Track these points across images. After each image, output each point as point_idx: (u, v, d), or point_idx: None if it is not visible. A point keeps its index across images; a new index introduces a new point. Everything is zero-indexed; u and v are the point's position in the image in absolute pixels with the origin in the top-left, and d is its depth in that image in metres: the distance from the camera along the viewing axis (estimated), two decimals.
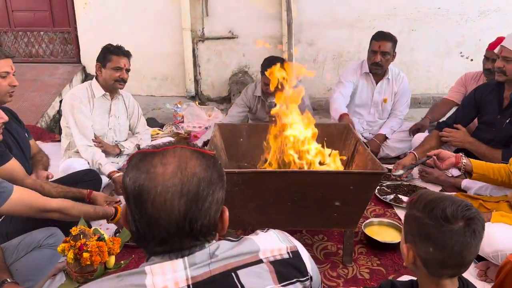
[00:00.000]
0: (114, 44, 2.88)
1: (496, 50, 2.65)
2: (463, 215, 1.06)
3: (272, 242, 0.96)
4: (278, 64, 2.36)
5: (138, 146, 3.14)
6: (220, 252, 0.88)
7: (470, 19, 5.02)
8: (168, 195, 0.82)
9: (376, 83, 3.52)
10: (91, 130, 2.89)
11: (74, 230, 1.67)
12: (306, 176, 1.97)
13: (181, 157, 0.86)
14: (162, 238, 0.84)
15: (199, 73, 5.28)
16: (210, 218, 0.87)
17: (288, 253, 0.95)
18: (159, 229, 0.83)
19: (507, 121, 2.60)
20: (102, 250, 1.62)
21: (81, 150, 2.84)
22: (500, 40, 3.19)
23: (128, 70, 2.89)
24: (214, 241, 0.91)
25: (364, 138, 3.60)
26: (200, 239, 0.87)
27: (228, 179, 1.90)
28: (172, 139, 3.54)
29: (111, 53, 2.83)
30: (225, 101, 5.25)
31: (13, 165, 1.99)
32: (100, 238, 1.68)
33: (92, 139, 2.89)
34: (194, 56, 5.17)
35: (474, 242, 1.07)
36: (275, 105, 3.13)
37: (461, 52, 5.14)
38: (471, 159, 2.24)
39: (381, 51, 3.31)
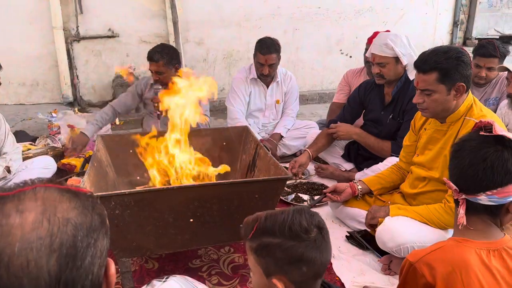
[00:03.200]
0: None
1: (367, 54, 2.76)
2: (313, 222, 1.07)
3: None
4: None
5: (8, 168, 2.64)
6: None
7: (348, 18, 5.33)
8: (32, 254, 0.60)
9: (267, 87, 3.50)
10: None
11: None
12: (207, 189, 1.81)
13: (47, 200, 0.65)
14: None
15: (77, 76, 4.75)
16: (94, 277, 0.66)
17: None
18: None
19: (390, 116, 2.74)
20: None
21: None
22: (377, 34, 3.36)
23: None
24: None
25: (261, 138, 3.56)
26: None
27: (118, 202, 1.67)
28: (48, 157, 3.05)
29: None
30: None
31: None
32: None
33: None
34: (70, 58, 4.64)
35: (328, 240, 1.11)
36: (160, 90, 2.94)
37: (341, 50, 5.44)
38: (363, 179, 2.34)
39: (268, 64, 3.28)
